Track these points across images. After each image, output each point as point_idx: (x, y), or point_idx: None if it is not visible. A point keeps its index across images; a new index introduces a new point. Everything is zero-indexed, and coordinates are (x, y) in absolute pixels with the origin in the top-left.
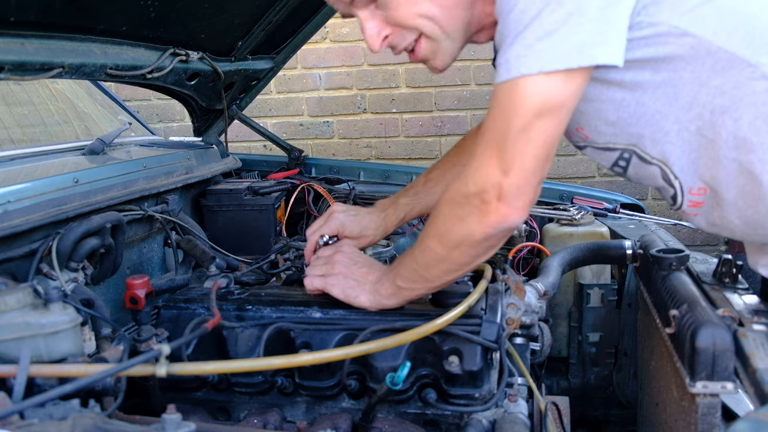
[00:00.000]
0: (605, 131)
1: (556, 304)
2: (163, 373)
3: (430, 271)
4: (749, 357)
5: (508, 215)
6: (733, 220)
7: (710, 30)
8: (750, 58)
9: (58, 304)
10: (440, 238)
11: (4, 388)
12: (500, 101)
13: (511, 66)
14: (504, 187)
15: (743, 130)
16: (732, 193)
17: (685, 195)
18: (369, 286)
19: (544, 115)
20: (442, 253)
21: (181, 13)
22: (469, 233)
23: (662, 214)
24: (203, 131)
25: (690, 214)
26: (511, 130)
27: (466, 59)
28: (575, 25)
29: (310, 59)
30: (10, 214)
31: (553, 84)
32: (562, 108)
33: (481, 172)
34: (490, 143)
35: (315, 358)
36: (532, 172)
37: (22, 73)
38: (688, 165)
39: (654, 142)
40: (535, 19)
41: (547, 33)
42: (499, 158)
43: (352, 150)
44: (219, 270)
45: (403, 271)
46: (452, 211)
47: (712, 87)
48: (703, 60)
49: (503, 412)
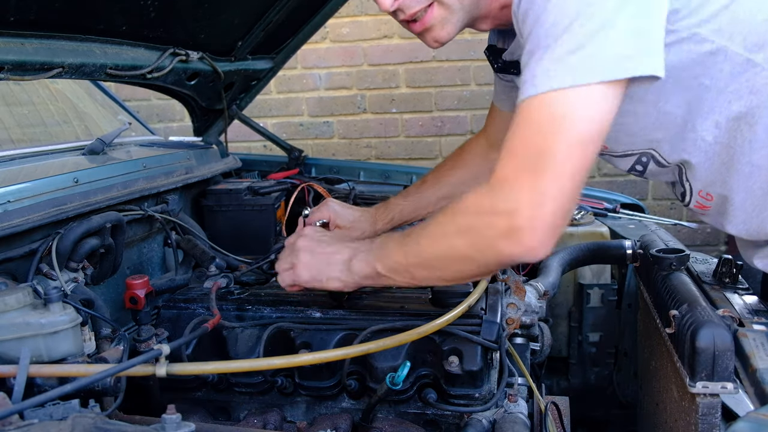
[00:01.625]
0: (625, 141)
1: (556, 304)
2: (163, 373)
3: (419, 272)
4: (749, 357)
5: (534, 249)
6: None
7: (726, 35)
8: (763, 63)
9: (58, 304)
10: (446, 248)
11: (4, 388)
12: (534, 118)
13: (544, 79)
14: (539, 216)
15: (759, 134)
16: (741, 196)
17: (694, 196)
18: (340, 266)
19: (586, 136)
20: (441, 262)
21: (181, 13)
22: (482, 254)
23: (662, 214)
24: (203, 131)
25: (697, 213)
26: (552, 152)
27: (466, 59)
28: (610, 38)
29: (310, 59)
30: (10, 214)
31: (593, 99)
32: (604, 128)
33: (513, 195)
34: (526, 164)
35: (315, 358)
36: (570, 199)
37: (22, 73)
38: (703, 172)
39: (672, 148)
40: (566, 31)
41: (580, 46)
42: (535, 183)
43: (352, 150)
44: (219, 270)
45: (387, 260)
46: (472, 226)
47: (728, 93)
48: (721, 66)
49: (503, 412)
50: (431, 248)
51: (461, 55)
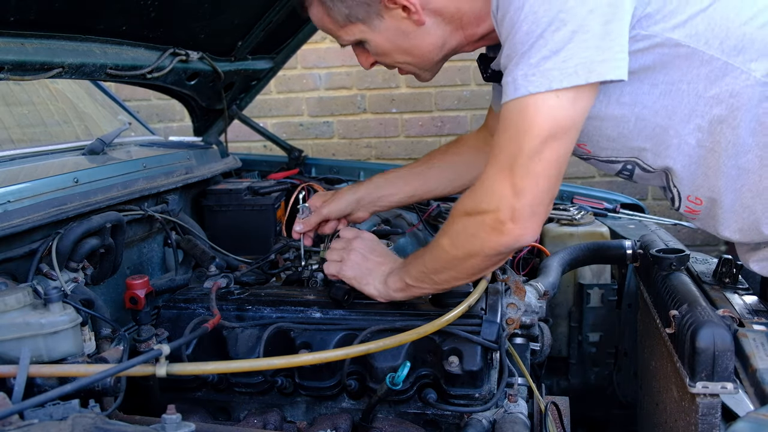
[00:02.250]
0: (607, 146)
1: (556, 304)
2: (163, 373)
3: (439, 275)
4: (749, 357)
5: (522, 236)
6: (731, 225)
7: (702, 40)
8: (742, 66)
9: (58, 304)
10: (451, 249)
11: (4, 388)
12: (511, 121)
13: (519, 85)
14: (517, 209)
15: (742, 137)
16: (730, 198)
17: (683, 201)
18: (380, 277)
19: (556, 135)
20: (451, 263)
21: (181, 13)
22: (480, 248)
23: (662, 214)
24: (203, 131)
25: (688, 218)
26: (523, 151)
27: (465, 59)
28: (580, 43)
29: (310, 59)
30: (10, 214)
31: (562, 103)
32: (572, 127)
33: (494, 193)
34: (502, 163)
35: (315, 358)
36: (545, 191)
37: (22, 73)
38: (688, 176)
39: (655, 155)
40: (540, 38)
41: (553, 52)
42: (511, 180)
43: (352, 150)
44: (219, 270)
45: (412, 270)
46: (465, 226)
47: (708, 98)
48: (698, 70)
49: (503, 412)
50: (442, 253)
51: (461, 55)
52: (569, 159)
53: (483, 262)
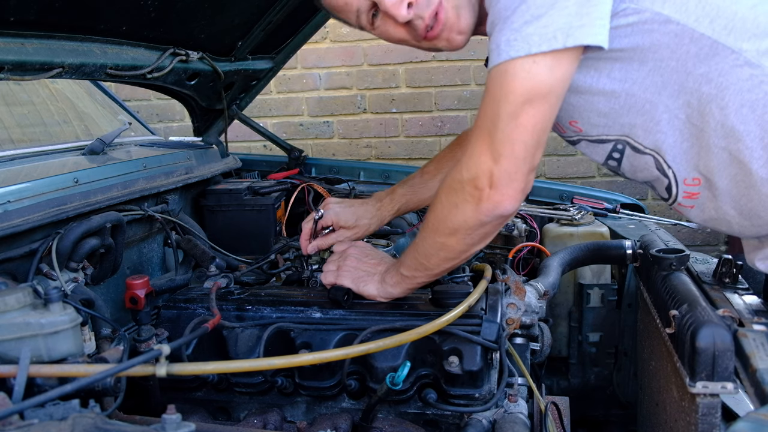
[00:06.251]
0: (598, 122)
1: (556, 304)
2: (163, 373)
3: (430, 259)
4: (749, 357)
5: (500, 202)
6: (729, 211)
7: (692, 17)
8: (733, 45)
9: (58, 304)
10: (437, 226)
11: (4, 388)
12: (491, 87)
13: (501, 50)
14: (495, 174)
15: (730, 119)
16: (725, 182)
17: (680, 186)
18: (378, 276)
19: (532, 100)
20: (439, 241)
21: (181, 13)
22: (463, 220)
23: (662, 214)
24: (203, 131)
25: (686, 206)
26: (500, 116)
27: (465, 59)
28: (561, 8)
29: (310, 59)
30: (10, 214)
31: (539, 68)
32: (550, 94)
33: (473, 160)
34: (482, 130)
35: (315, 358)
36: (522, 158)
37: (22, 73)
38: (681, 154)
39: (646, 132)
40: (522, 3)
41: (535, 17)
42: (489, 145)
43: (352, 150)
44: (219, 270)
45: (406, 260)
46: (448, 199)
47: (697, 75)
48: (687, 48)
49: (503, 412)
50: (430, 233)
51: (461, 55)
52: (569, 159)
53: (468, 237)
